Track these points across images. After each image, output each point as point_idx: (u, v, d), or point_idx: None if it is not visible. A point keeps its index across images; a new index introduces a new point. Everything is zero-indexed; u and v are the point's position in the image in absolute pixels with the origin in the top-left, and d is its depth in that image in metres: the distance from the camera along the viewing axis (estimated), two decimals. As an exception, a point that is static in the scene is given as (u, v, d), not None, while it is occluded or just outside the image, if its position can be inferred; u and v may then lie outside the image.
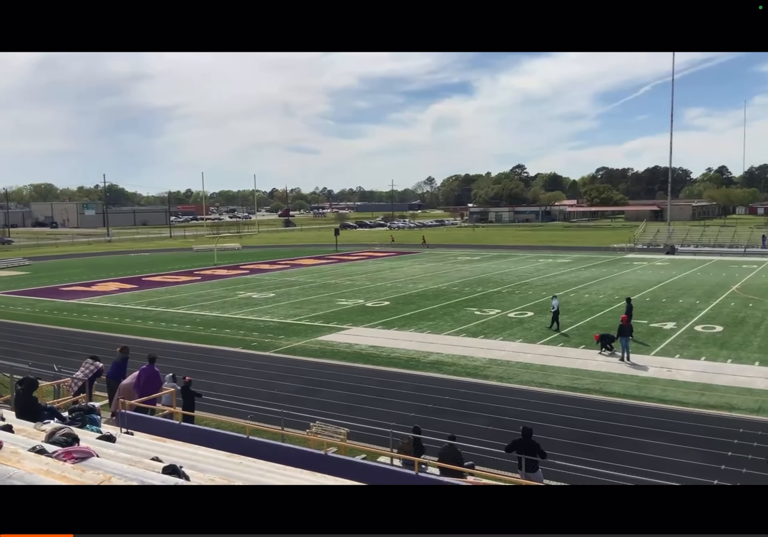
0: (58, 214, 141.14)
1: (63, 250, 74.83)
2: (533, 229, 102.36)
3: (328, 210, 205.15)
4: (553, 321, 25.24)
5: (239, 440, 10.94)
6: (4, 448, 5.61)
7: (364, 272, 46.49)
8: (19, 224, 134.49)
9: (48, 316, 30.58)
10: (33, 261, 59.47)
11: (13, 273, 50.91)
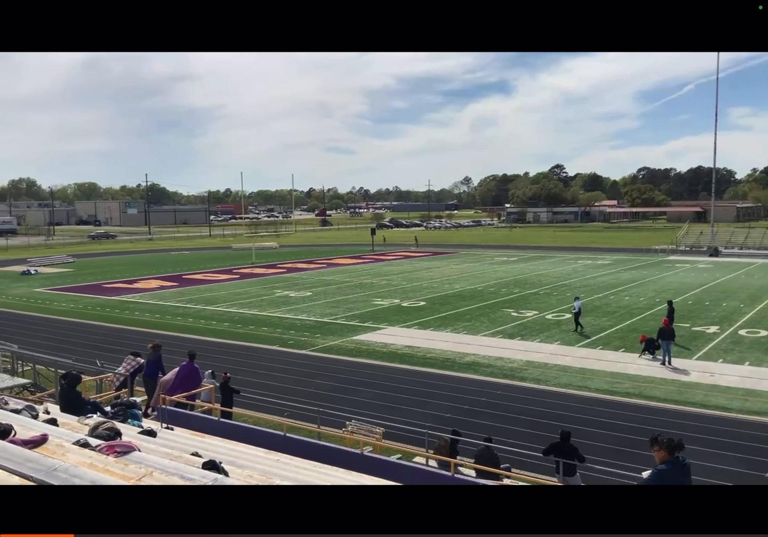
0: (102, 212, 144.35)
1: (106, 247, 76.54)
2: (572, 230, 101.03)
3: (365, 210, 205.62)
4: (576, 323, 24.97)
5: (276, 437, 11.04)
6: (50, 441, 5.76)
7: (400, 272, 46.49)
8: (64, 222, 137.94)
9: (91, 312, 31.31)
10: (77, 258, 60.94)
11: (57, 270, 52.27)
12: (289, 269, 49.64)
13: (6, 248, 73.02)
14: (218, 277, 45.24)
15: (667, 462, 5.84)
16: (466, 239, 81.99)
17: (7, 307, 32.94)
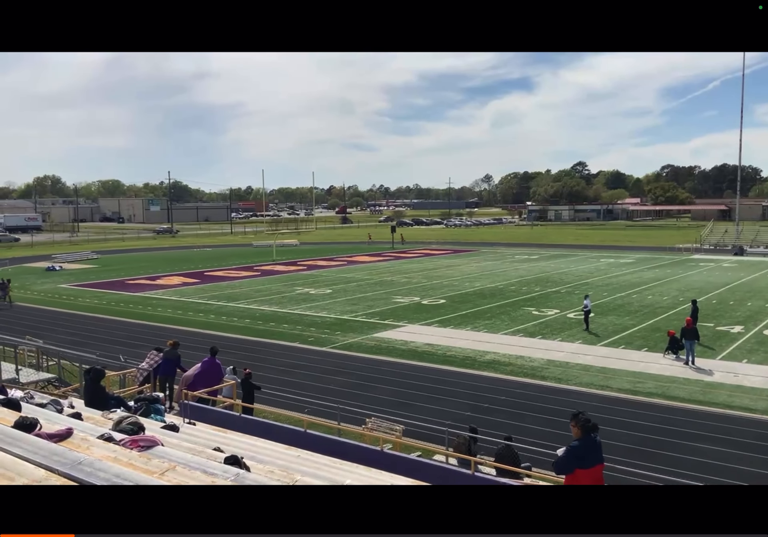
0: (125, 209, 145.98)
1: (129, 244, 77.38)
2: (594, 228, 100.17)
3: (385, 207, 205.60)
4: (586, 321, 24.83)
5: (297, 433, 11.10)
6: (75, 435, 5.84)
7: (420, 270, 46.45)
8: (88, 219, 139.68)
9: (114, 308, 31.69)
10: (101, 255, 61.69)
11: (82, 266, 52.95)
12: (310, 266, 49.83)
13: (31, 245, 74.14)
14: (239, 274, 45.53)
15: (580, 439, 6.45)
16: (486, 237, 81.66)
17: (32, 303, 33.47)
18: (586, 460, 6.40)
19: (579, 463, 6.40)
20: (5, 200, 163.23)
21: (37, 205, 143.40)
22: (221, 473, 5.27)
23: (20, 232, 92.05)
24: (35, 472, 4.36)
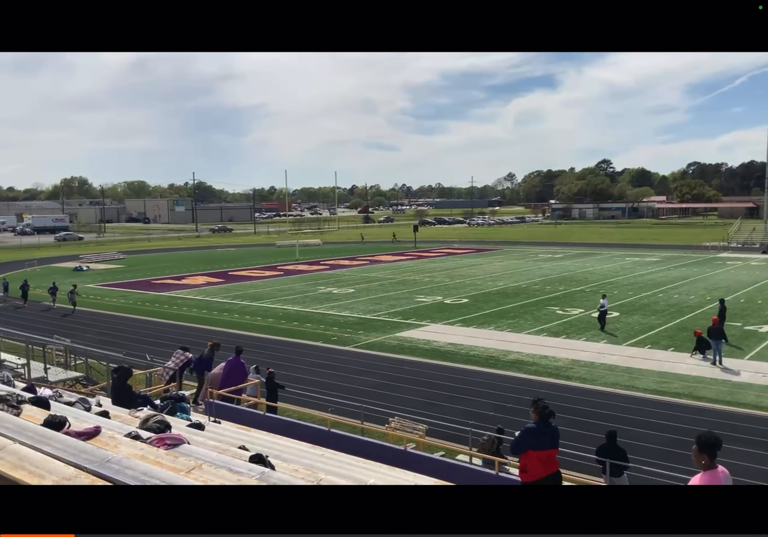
0: (150, 210, 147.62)
1: (155, 244, 78.26)
2: (619, 227, 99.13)
3: (407, 207, 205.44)
4: (601, 321, 24.55)
5: (320, 432, 11.14)
6: (102, 433, 5.93)
7: (442, 269, 46.36)
8: (114, 220, 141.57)
9: (141, 307, 32.09)
10: (127, 255, 62.49)
11: (108, 266, 53.69)
12: (332, 266, 49.98)
13: (59, 245, 75.31)
14: (263, 273, 45.83)
15: (537, 423, 7.00)
16: (509, 236, 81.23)
17: (60, 303, 33.97)
18: (539, 442, 6.92)
19: (531, 444, 6.93)
20: (33, 201, 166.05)
21: (65, 206, 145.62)
22: (246, 472, 5.30)
23: (48, 232, 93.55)
24: (65, 469, 4.43)
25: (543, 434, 6.95)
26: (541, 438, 6.93)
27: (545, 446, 6.94)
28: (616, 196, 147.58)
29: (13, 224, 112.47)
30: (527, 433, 7.03)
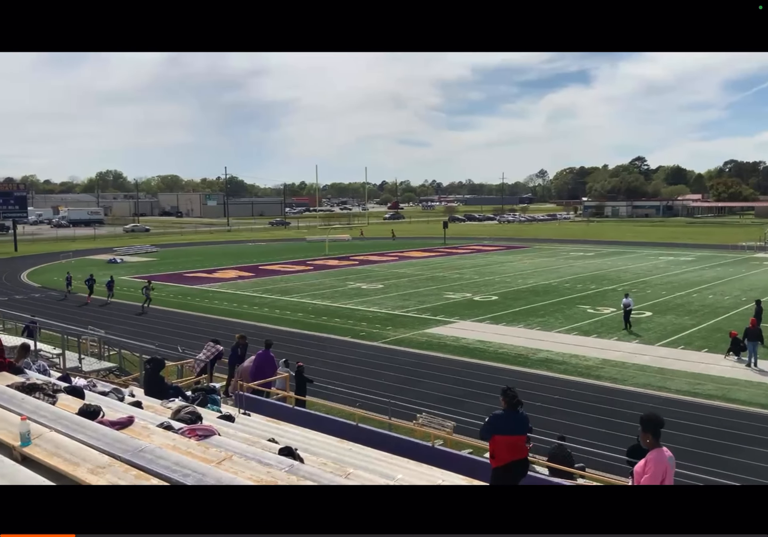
0: (183, 204, 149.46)
1: (187, 238, 79.27)
2: (653, 225, 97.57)
3: (437, 203, 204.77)
4: (625, 321, 24.16)
5: (348, 427, 11.19)
6: (136, 423, 6.03)
7: (472, 266, 46.14)
8: (148, 213, 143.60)
9: (173, 300, 32.54)
10: (160, 248, 63.38)
11: (142, 259, 54.54)
12: (362, 261, 50.08)
13: (94, 238, 76.72)
14: (293, 268, 46.13)
15: (505, 410, 7.36)
16: (540, 233, 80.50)
17: (94, 295, 34.62)
18: (505, 428, 7.23)
19: (497, 429, 7.23)
20: (69, 194, 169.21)
21: (100, 199, 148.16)
22: (276, 464, 5.36)
23: (83, 225, 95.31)
24: (99, 458, 4.52)
25: (509, 419, 7.28)
26: (508, 423, 7.25)
27: (512, 432, 7.25)
28: (650, 194, 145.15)
29: (50, 217, 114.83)
30: (492, 419, 7.37)
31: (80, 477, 4.15)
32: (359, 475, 6.18)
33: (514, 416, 7.33)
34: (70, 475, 4.22)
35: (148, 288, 30.68)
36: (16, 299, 33.29)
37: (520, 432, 7.42)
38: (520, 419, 7.43)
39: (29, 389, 6.45)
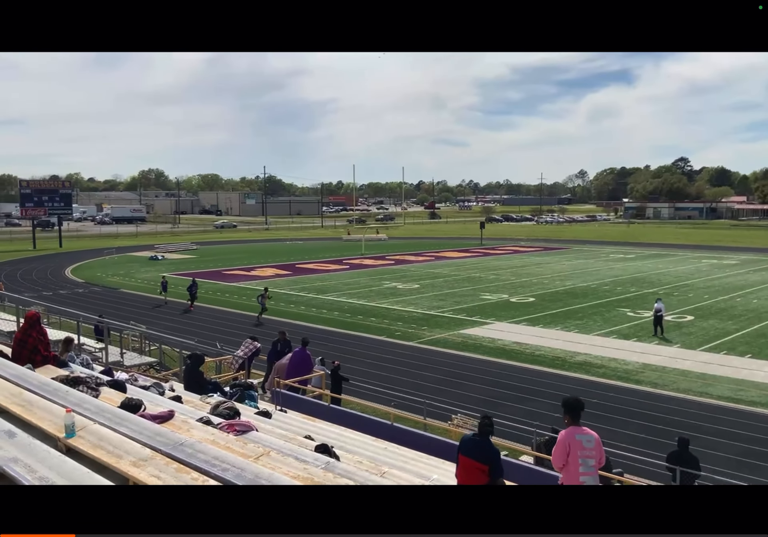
0: (223, 202, 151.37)
1: (226, 236, 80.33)
2: (696, 227, 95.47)
3: (474, 203, 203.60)
4: (656, 325, 23.59)
5: (384, 426, 11.20)
6: (176, 417, 6.14)
7: (509, 267, 45.77)
8: (188, 211, 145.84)
9: (212, 297, 32.99)
10: (199, 246, 64.34)
11: (182, 256, 55.45)
12: (398, 261, 50.09)
13: (136, 235, 78.29)
14: (329, 267, 46.37)
15: (475, 434, 6.61)
16: (579, 235, 79.44)
17: (136, 290, 35.37)
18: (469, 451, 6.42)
19: (462, 450, 6.50)
20: (112, 192, 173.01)
21: (142, 197, 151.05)
22: (312, 461, 5.40)
23: (126, 222, 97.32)
24: (141, 450, 4.61)
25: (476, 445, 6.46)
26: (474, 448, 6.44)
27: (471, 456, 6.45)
28: (693, 196, 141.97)
29: (93, 214, 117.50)
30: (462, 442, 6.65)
31: (123, 469, 4.24)
32: (394, 474, 6.19)
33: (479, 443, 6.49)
34: (113, 467, 4.32)
35: (264, 296, 27.00)
36: (61, 294, 34.16)
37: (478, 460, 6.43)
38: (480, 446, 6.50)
39: (73, 382, 6.62)
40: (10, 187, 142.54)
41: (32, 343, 7.82)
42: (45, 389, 5.96)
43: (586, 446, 5.73)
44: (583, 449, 5.73)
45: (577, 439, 5.73)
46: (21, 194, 64.06)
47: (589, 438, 5.76)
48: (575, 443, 5.73)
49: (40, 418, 5.04)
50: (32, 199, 63.10)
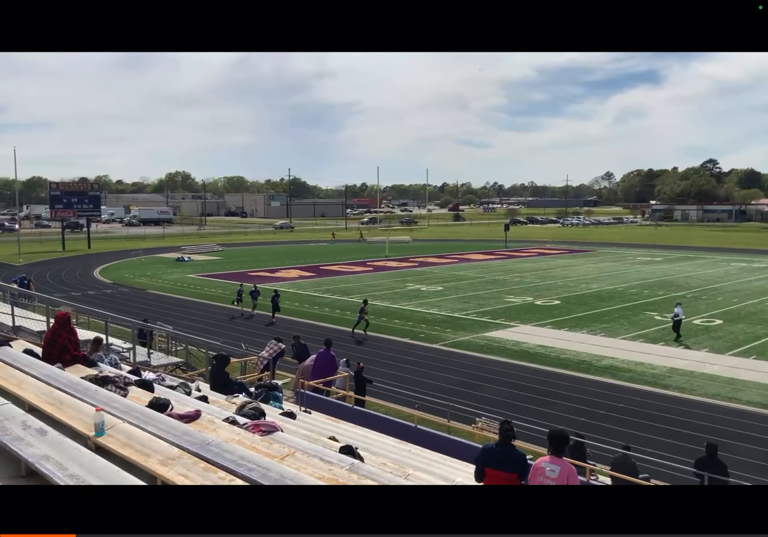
0: (248, 204, 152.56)
1: (251, 238, 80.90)
2: (725, 230, 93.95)
3: (498, 205, 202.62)
4: (675, 330, 23.22)
5: (408, 428, 11.21)
6: (202, 416, 6.20)
7: (534, 269, 45.46)
8: (214, 213, 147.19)
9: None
10: (225, 247, 64.89)
11: (208, 258, 55.97)
12: (421, 263, 50.02)
13: (163, 236, 79.18)
14: (353, 268, 46.47)
15: (497, 443, 6.51)
16: (605, 237, 78.61)
17: (163, 291, 35.77)
18: (495, 463, 6.24)
19: (487, 463, 6.29)
20: (140, 194, 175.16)
21: (169, 199, 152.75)
22: (337, 462, 5.42)
23: (153, 224, 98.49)
24: (169, 449, 4.67)
25: (499, 453, 6.28)
26: (496, 456, 6.26)
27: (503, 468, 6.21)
28: (723, 198, 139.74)
29: (121, 215, 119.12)
30: (483, 451, 6.53)
31: (151, 468, 4.30)
32: (419, 477, 6.19)
33: (504, 448, 6.33)
34: (142, 466, 4.38)
35: (364, 310, 24.75)
36: (89, 295, 34.69)
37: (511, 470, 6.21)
38: (510, 456, 6.31)
39: (102, 381, 6.73)
40: (40, 189, 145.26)
41: (62, 343, 7.96)
42: (75, 388, 6.06)
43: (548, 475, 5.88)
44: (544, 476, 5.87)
45: (542, 465, 5.92)
46: (50, 196, 65.15)
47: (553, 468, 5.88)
48: (539, 469, 5.93)
49: (71, 417, 5.13)
50: (61, 201, 64.13)
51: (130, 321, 15.35)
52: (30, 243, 63.53)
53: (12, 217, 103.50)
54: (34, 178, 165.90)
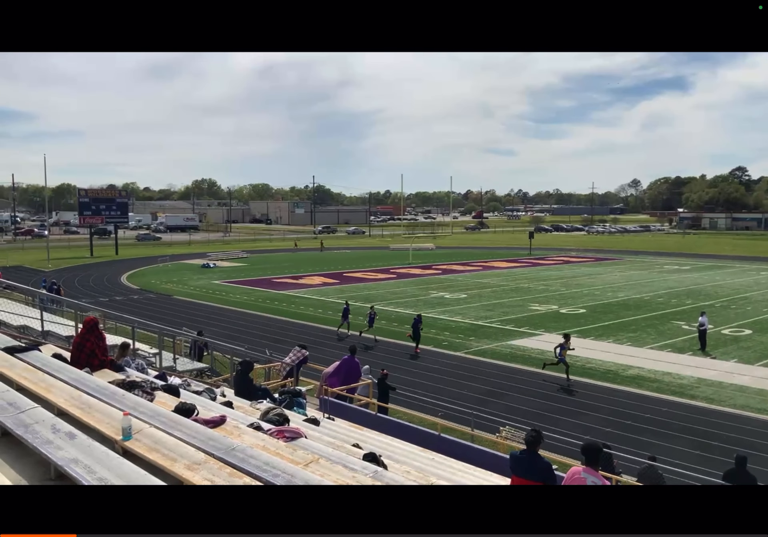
0: (273, 211, 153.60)
1: (275, 245, 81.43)
2: (754, 238, 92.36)
3: (523, 212, 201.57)
4: (701, 340, 22.79)
5: (431, 436, 11.16)
6: (227, 422, 6.24)
7: (559, 277, 45.10)
8: (239, 220, 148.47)
9: (261, 304, 33.46)
10: (250, 254, 65.38)
11: (233, 264, 56.44)
12: (445, 271, 49.90)
13: (189, 243, 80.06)
14: (376, 276, 46.51)
15: (522, 450, 6.51)
16: (632, 245, 77.75)
17: (189, 297, 36.11)
18: (521, 471, 6.35)
19: (514, 470, 6.45)
20: (166, 201, 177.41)
21: (195, 206, 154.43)
22: (361, 469, 5.42)
23: (179, 230, 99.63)
24: (195, 454, 4.70)
25: (523, 461, 6.34)
26: (521, 463, 6.35)
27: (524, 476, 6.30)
28: (752, 206, 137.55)
29: (148, 222, 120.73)
30: (511, 457, 6.63)
31: (177, 472, 4.34)
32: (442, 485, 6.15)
33: (529, 457, 6.35)
34: (168, 470, 4.42)
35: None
36: (117, 300, 35.16)
37: (528, 478, 6.25)
38: (532, 464, 6.33)
39: (129, 386, 6.82)
40: (69, 196, 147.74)
41: (90, 348, 8.07)
42: (102, 393, 6.14)
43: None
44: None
45: (583, 476, 5.74)
46: (79, 203, 66.23)
47: (594, 480, 5.72)
48: (580, 479, 5.74)
49: (99, 421, 5.19)
50: (90, 208, 65.17)
51: (156, 326, 15.53)
52: (59, 249, 64.57)
53: (41, 223, 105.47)
54: (64, 185, 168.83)
